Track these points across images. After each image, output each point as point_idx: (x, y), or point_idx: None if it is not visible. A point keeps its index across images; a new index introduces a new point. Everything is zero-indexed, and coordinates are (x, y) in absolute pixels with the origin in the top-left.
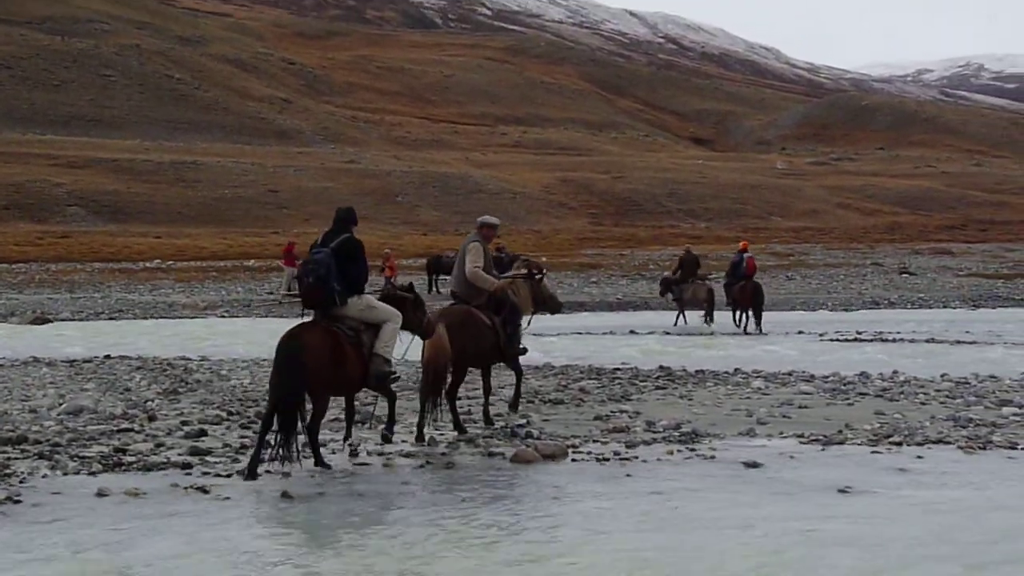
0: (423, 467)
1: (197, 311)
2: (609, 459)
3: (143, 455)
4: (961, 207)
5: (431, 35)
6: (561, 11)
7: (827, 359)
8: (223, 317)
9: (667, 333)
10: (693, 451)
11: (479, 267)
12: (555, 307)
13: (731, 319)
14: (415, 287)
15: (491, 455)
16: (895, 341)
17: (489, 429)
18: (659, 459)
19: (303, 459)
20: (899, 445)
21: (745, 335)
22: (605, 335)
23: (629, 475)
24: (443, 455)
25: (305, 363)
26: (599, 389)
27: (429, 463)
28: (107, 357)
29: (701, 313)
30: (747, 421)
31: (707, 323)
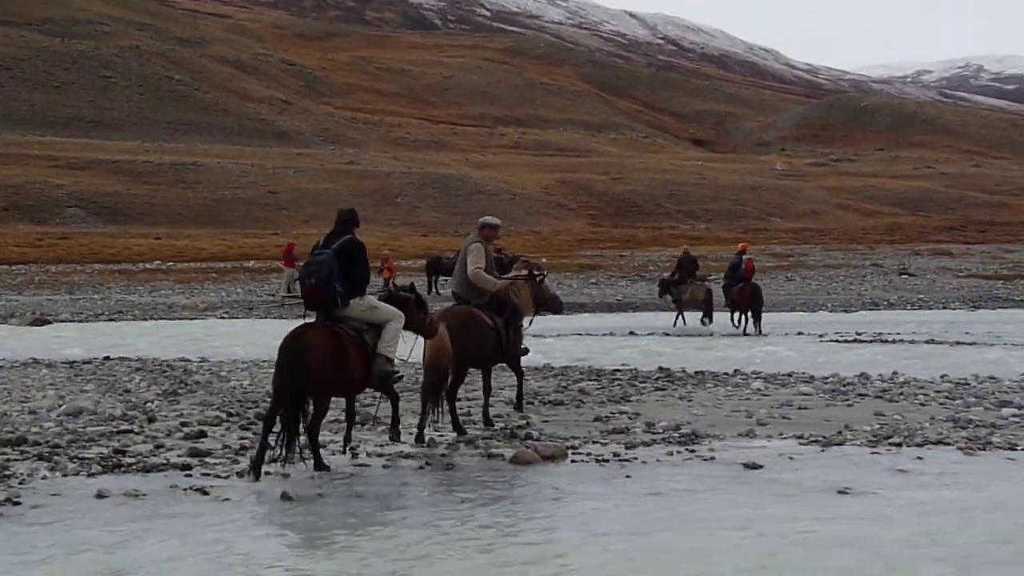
0: (423, 468)
1: (197, 312)
2: (609, 460)
3: (143, 456)
4: (960, 208)
5: (430, 36)
6: (560, 12)
7: (827, 360)
8: (223, 318)
9: (666, 334)
10: (693, 452)
11: (481, 268)
12: (557, 307)
13: (729, 320)
14: (416, 287)
15: (491, 456)
16: (895, 342)
17: (489, 430)
18: (659, 460)
19: (305, 460)
20: (899, 446)
21: (744, 336)
22: (605, 336)
23: (628, 476)
24: (443, 456)
25: (308, 364)
26: (599, 390)
27: (429, 464)
28: (107, 358)
29: (700, 314)
30: (747, 422)
31: (703, 324)
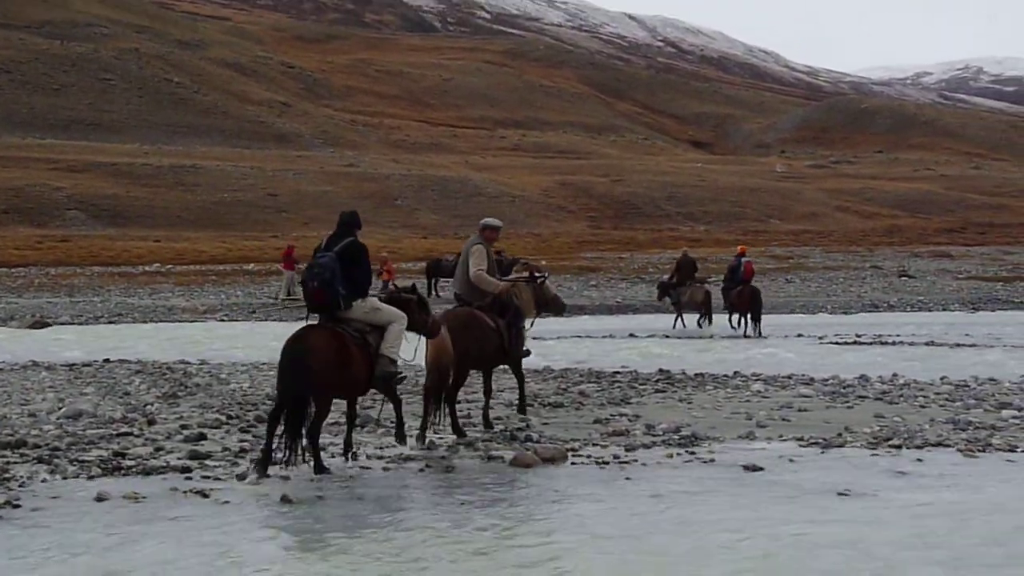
0: (423, 471)
1: (196, 315)
2: (608, 462)
3: (142, 459)
4: (960, 210)
5: (430, 39)
6: (560, 14)
7: (826, 362)
8: (222, 321)
9: (666, 336)
10: (693, 454)
11: (483, 270)
12: (559, 308)
13: (728, 323)
14: (417, 288)
15: (491, 459)
16: (894, 344)
17: (489, 433)
18: (659, 462)
19: (307, 462)
20: (898, 448)
21: (744, 338)
22: (604, 338)
23: (628, 478)
24: (443, 459)
25: (310, 366)
26: (599, 392)
27: (429, 467)
28: (106, 361)
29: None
30: (747, 424)
31: (700, 326)
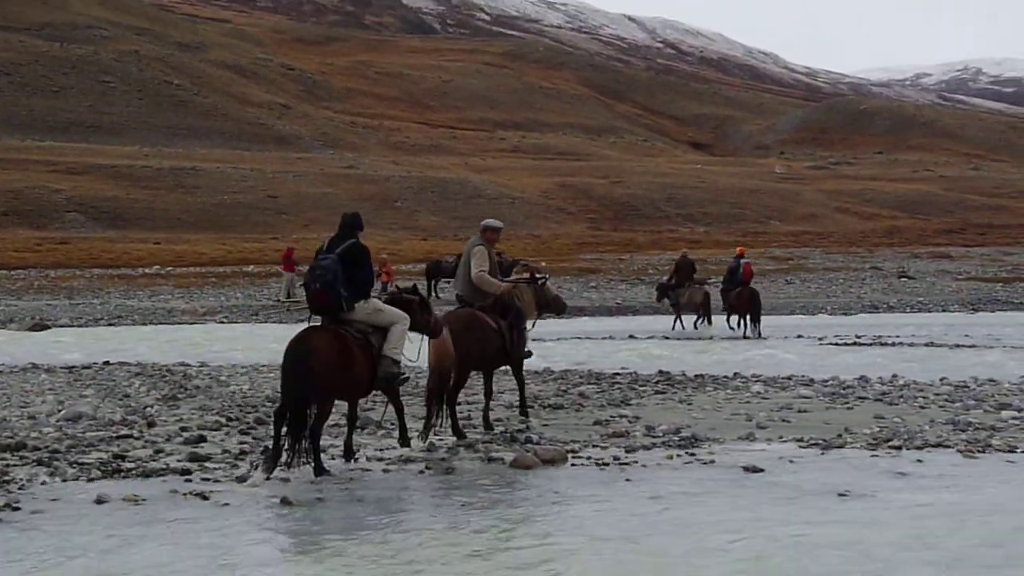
0: (423, 472)
1: (196, 317)
2: (608, 464)
3: (142, 461)
4: (959, 211)
5: (430, 40)
6: (559, 16)
7: (826, 363)
8: (222, 323)
9: (666, 338)
10: (692, 456)
11: (484, 271)
12: (560, 308)
13: (727, 324)
14: (418, 288)
15: (491, 460)
16: (894, 345)
17: (489, 434)
18: (659, 464)
19: (309, 463)
20: (898, 449)
21: (744, 339)
22: (604, 340)
23: (628, 480)
24: (443, 460)
25: (313, 367)
26: (599, 394)
27: (429, 468)
28: (106, 363)
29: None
30: (746, 425)
31: (697, 327)
